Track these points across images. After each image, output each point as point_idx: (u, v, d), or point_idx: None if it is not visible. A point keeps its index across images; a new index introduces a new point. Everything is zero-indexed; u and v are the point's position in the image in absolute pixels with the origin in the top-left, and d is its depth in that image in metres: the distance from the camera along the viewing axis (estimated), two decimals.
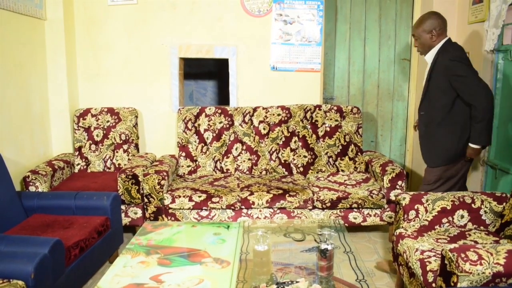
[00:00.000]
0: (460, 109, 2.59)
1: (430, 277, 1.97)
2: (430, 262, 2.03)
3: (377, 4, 4.08)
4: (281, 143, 3.73)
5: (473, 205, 2.44)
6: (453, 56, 2.56)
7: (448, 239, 2.30)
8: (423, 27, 2.68)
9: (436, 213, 2.44)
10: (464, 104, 2.57)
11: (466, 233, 2.37)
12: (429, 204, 2.44)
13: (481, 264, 1.70)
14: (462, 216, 2.45)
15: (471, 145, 2.58)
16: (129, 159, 3.67)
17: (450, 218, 2.45)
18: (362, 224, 3.24)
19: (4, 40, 3.01)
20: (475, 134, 2.55)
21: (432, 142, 2.71)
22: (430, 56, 2.70)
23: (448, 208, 2.43)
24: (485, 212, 2.44)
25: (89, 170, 3.68)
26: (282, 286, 1.84)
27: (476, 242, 2.25)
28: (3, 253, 2.01)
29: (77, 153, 3.69)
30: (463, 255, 1.73)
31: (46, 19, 3.53)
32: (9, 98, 3.06)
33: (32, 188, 3.05)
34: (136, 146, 3.76)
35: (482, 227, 2.45)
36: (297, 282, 1.86)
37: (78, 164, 3.68)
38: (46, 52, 3.57)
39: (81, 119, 3.72)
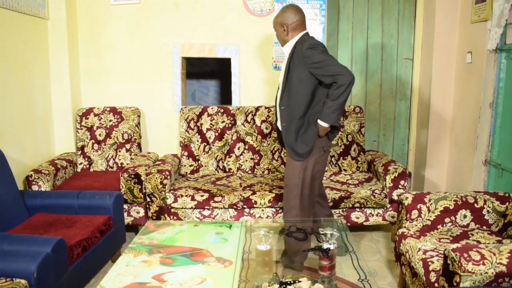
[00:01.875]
0: (320, 100, 2.55)
1: (433, 277, 1.97)
2: (432, 262, 2.03)
3: (380, 3, 4.07)
4: None
5: (475, 204, 2.44)
6: (308, 44, 2.50)
7: (451, 238, 2.29)
8: (277, 21, 2.65)
9: (439, 213, 2.43)
10: (326, 88, 2.51)
11: (469, 232, 2.36)
12: (431, 203, 2.44)
13: (483, 264, 1.70)
14: (465, 216, 2.44)
15: (320, 122, 2.51)
16: (131, 159, 3.68)
17: (452, 218, 2.44)
18: (364, 223, 3.23)
19: (7, 40, 3.01)
20: (327, 111, 2.47)
21: (296, 135, 2.60)
22: (287, 48, 2.64)
23: (451, 207, 2.43)
24: (488, 211, 2.43)
25: (91, 170, 3.69)
26: (284, 286, 1.84)
27: (478, 242, 2.25)
28: (6, 252, 2.01)
29: (79, 152, 3.70)
30: (465, 255, 1.72)
31: (49, 18, 3.54)
32: (12, 97, 3.07)
33: (35, 187, 3.06)
34: (139, 145, 3.77)
35: (484, 227, 2.44)
36: (299, 281, 1.86)
37: (81, 163, 3.69)
38: (49, 51, 3.58)
39: (83, 118, 3.73)
